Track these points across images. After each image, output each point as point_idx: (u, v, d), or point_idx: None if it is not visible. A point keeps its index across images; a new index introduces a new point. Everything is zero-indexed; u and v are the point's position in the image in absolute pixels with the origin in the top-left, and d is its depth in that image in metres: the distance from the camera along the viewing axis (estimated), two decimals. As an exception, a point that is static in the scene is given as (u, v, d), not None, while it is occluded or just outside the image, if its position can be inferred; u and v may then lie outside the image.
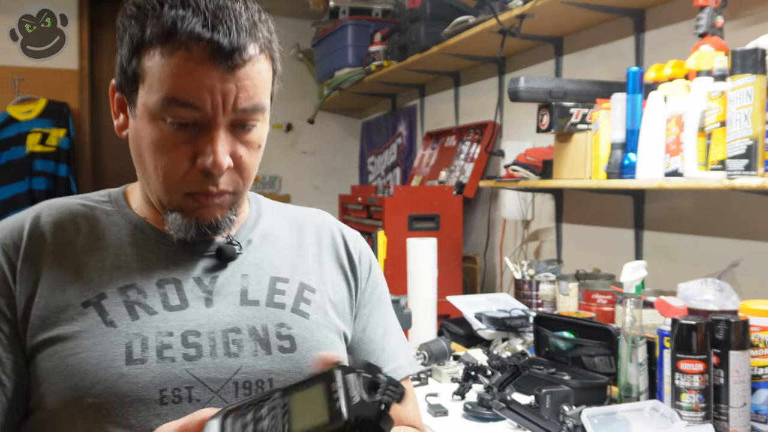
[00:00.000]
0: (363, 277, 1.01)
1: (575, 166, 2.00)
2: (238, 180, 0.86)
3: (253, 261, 0.92)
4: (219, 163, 0.81)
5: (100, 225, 0.89)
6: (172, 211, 0.86)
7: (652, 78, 1.76)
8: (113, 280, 0.85)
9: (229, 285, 0.89)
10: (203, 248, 0.90)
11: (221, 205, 0.86)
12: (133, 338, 0.81)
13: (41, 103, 3.77)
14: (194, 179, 0.83)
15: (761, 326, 1.29)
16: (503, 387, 1.50)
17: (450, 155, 3.20)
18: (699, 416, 1.27)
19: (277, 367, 0.85)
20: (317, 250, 0.99)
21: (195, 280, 0.88)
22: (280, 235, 0.97)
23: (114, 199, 0.94)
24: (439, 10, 2.85)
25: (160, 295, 0.85)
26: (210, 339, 0.84)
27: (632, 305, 1.42)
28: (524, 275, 2.25)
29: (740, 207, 1.78)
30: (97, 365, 0.79)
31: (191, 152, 0.82)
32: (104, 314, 0.82)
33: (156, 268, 0.87)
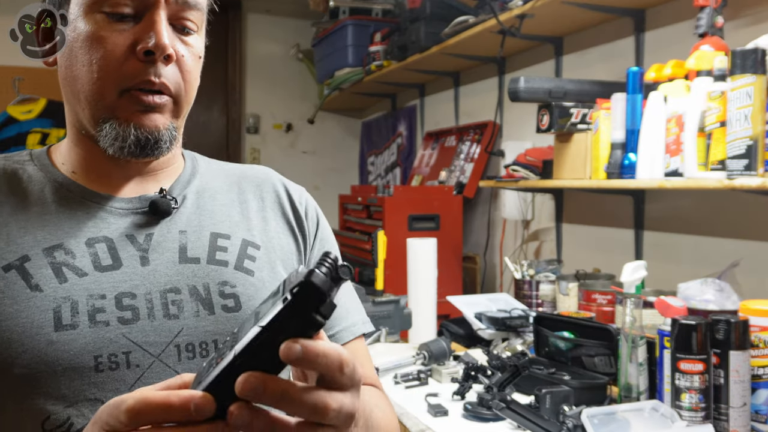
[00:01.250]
0: (311, 233, 0.96)
1: (575, 166, 2.00)
2: (180, 82, 0.82)
3: (191, 216, 0.87)
4: (162, 43, 0.77)
5: (21, 183, 0.83)
6: (106, 120, 0.80)
7: (652, 78, 1.76)
8: (37, 240, 0.78)
9: (166, 242, 0.83)
10: (134, 204, 0.84)
11: (161, 107, 0.80)
12: (61, 302, 0.74)
13: (41, 103, 3.77)
14: (132, 70, 0.78)
15: (761, 326, 1.29)
16: (503, 387, 1.50)
17: (450, 155, 3.20)
18: (699, 416, 1.27)
19: (221, 328, 0.80)
20: (260, 205, 0.93)
21: (128, 238, 0.82)
22: (218, 191, 0.92)
23: (36, 157, 0.88)
24: (439, 10, 2.85)
25: (90, 255, 0.79)
26: (147, 300, 0.78)
27: (632, 305, 1.42)
28: (524, 275, 2.25)
29: (740, 207, 1.78)
30: (23, 333, 0.72)
31: (130, 41, 0.78)
32: (28, 277, 0.75)
33: (84, 227, 0.81)
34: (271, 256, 0.89)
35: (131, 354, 0.75)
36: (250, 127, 4.37)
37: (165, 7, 0.79)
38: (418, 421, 1.44)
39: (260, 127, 4.41)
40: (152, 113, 0.80)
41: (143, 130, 0.79)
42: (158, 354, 0.76)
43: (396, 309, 2.07)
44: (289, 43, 4.45)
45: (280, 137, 4.47)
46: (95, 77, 0.79)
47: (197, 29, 0.84)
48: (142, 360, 0.76)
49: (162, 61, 0.79)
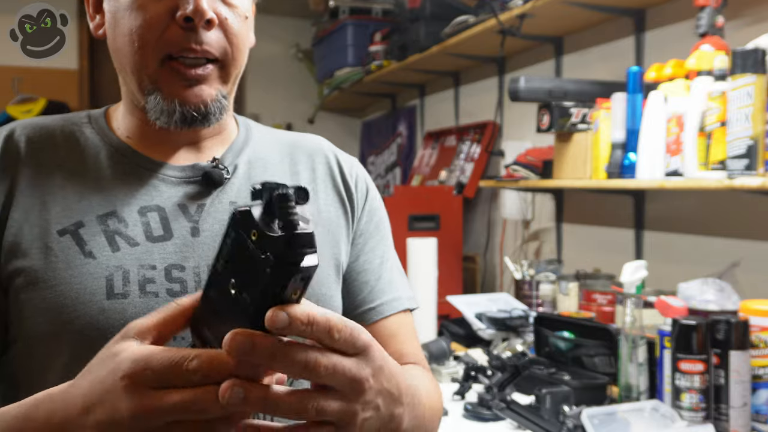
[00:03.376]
0: (359, 205, 0.94)
1: (575, 166, 2.00)
2: (226, 45, 0.78)
3: (242, 187, 0.85)
4: (201, 8, 0.74)
5: (78, 146, 0.83)
6: (151, 92, 0.78)
7: (652, 78, 1.76)
8: (92, 206, 0.78)
9: (216, 213, 0.82)
10: (187, 173, 0.83)
11: (206, 78, 0.78)
12: (113, 271, 0.75)
13: (41, 103, 3.77)
14: (173, 37, 0.75)
15: (761, 326, 1.29)
16: (503, 387, 1.50)
17: (450, 155, 3.20)
18: (699, 416, 1.27)
19: None
20: (311, 176, 0.92)
21: (180, 208, 0.81)
22: (270, 160, 0.90)
23: (94, 119, 0.86)
24: (439, 9, 2.85)
25: (142, 224, 0.78)
26: (195, 274, 0.78)
27: (632, 305, 1.42)
28: (524, 275, 2.25)
29: (740, 207, 1.78)
30: (76, 299, 0.73)
31: (170, 6, 0.75)
32: (82, 243, 0.76)
33: (137, 194, 0.80)
34: (320, 230, 0.87)
35: None
36: (250, 127, 4.38)
37: None
38: (418, 421, 1.44)
39: (260, 127, 4.41)
40: (197, 86, 0.78)
41: (189, 107, 0.78)
42: None
43: (396, 309, 2.06)
44: (289, 43, 4.45)
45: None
46: (136, 47, 0.77)
47: None
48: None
49: (203, 27, 0.76)
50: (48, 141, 0.83)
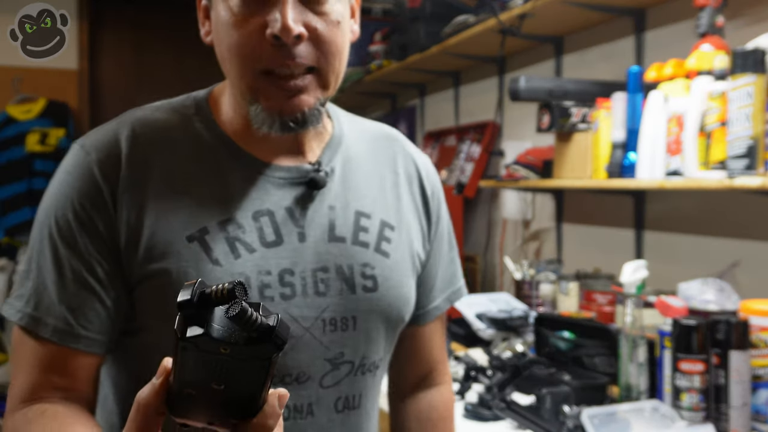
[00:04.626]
0: (434, 218, 1.00)
1: (575, 166, 2.00)
2: (319, 55, 0.80)
3: (339, 191, 0.90)
4: (287, 26, 0.76)
5: (194, 145, 0.86)
6: (253, 102, 0.82)
7: (652, 78, 1.76)
8: (213, 212, 0.83)
9: (318, 217, 0.87)
10: (292, 175, 0.87)
11: (304, 88, 0.80)
12: (237, 277, 0.80)
13: (41, 103, 3.77)
14: (266, 53, 0.78)
15: (761, 326, 1.29)
16: (503, 387, 1.50)
17: (450, 155, 3.20)
18: (699, 416, 1.27)
19: (360, 306, 0.87)
20: (394, 180, 0.96)
21: (287, 212, 0.86)
22: (361, 160, 0.94)
23: (201, 109, 0.89)
24: (439, 9, 2.85)
25: (257, 230, 0.84)
26: (302, 278, 0.84)
27: (632, 305, 1.42)
28: (524, 275, 2.25)
29: (740, 207, 1.78)
30: None
31: (261, 23, 0.78)
32: (209, 251, 0.81)
33: (250, 198, 0.85)
34: (403, 237, 0.94)
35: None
36: (250, 127, 4.37)
37: None
38: (418, 421, 1.44)
39: (260, 127, 4.41)
40: (296, 97, 0.80)
41: (288, 115, 0.81)
42: (308, 327, 0.84)
43: (396, 309, 2.06)
44: (289, 43, 4.45)
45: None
46: (236, 62, 0.81)
47: None
48: (297, 331, 0.82)
49: (292, 42, 0.78)
50: (168, 142, 0.85)
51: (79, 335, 0.79)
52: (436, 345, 1.05)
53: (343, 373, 0.87)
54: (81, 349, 0.80)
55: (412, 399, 1.07)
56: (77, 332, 0.79)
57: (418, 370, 1.05)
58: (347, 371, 0.87)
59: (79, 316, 0.79)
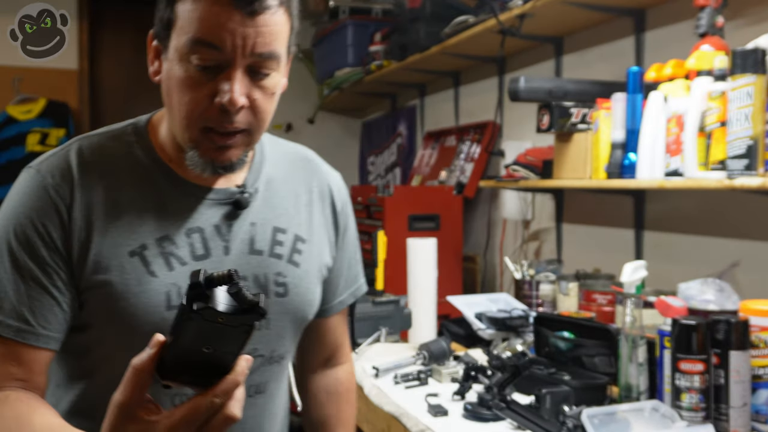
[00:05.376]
0: (341, 231, 1.16)
1: (575, 166, 2.00)
2: (252, 120, 0.95)
3: (259, 210, 1.04)
4: (234, 100, 0.90)
5: (134, 170, 0.99)
6: (191, 149, 0.95)
7: (652, 78, 1.76)
8: (152, 231, 0.96)
9: (241, 233, 1.02)
10: (220, 196, 1.01)
11: (235, 145, 0.95)
12: (170, 287, 0.95)
13: (41, 103, 3.77)
14: (212, 115, 0.92)
15: (761, 326, 1.29)
16: (503, 387, 1.50)
17: (450, 155, 3.20)
18: (699, 416, 1.27)
19: (273, 309, 1.02)
20: (309, 198, 1.12)
21: (215, 229, 1.00)
22: (280, 180, 1.09)
23: (140, 136, 1.02)
24: (439, 9, 2.85)
25: (188, 245, 0.98)
26: None
27: (632, 305, 1.42)
28: (524, 275, 2.25)
29: (740, 207, 1.78)
30: (144, 309, 0.93)
31: (212, 91, 0.91)
32: (147, 264, 0.95)
33: (184, 218, 0.98)
34: (313, 249, 1.09)
35: None
36: (250, 127, 4.37)
37: (242, 61, 0.90)
38: (418, 421, 1.44)
39: (260, 127, 4.41)
40: (227, 150, 0.95)
41: (218, 164, 0.96)
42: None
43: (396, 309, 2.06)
44: (289, 43, 4.44)
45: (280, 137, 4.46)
46: (183, 115, 0.93)
47: (276, 69, 0.95)
48: None
49: (235, 112, 0.92)
50: (111, 166, 0.99)
51: (38, 334, 0.92)
52: (339, 332, 1.24)
53: (256, 364, 0.99)
54: (39, 346, 0.92)
55: (320, 375, 1.24)
56: (37, 331, 0.92)
57: (325, 352, 1.23)
58: (259, 363, 1.02)
59: (38, 317, 0.92)
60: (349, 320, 1.95)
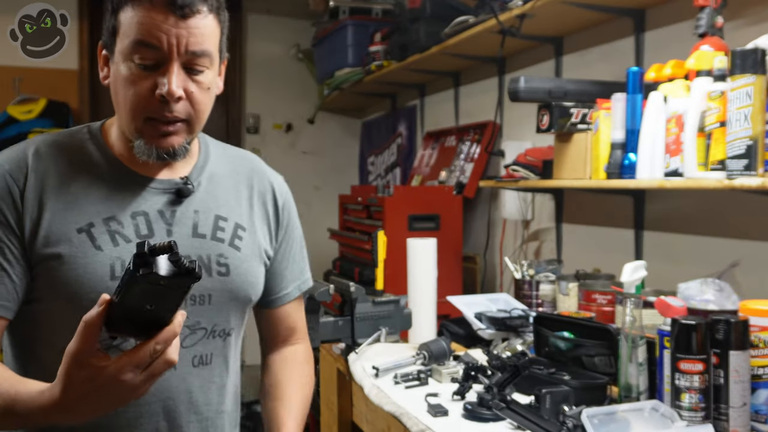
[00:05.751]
0: (283, 225, 1.29)
1: (575, 166, 2.00)
2: (191, 111, 1.08)
3: (203, 199, 1.17)
4: (172, 91, 1.03)
5: (86, 162, 1.12)
6: (137, 138, 1.08)
7: (652, 78, 1.76)
8: (99, 211, 1.09)
9: (184, 218, 1.14)
10: (165, 186, 1.14)
11: (176, 132, 1.08)
12: (115, 260, 1.06)
13: (41, 103, 3.77)
14: (153, 106, 1.05)
15: (761, 326, 1.29)
16: (503, 387, 1.50)
17: (450, 155, 3.20)
18: (699, 416, 1.27)
19: (215, 286, 1.14)
20: (249, 193, 1.25)
21: (159, 213, 1.12)
22: (222, 176, 1.22)
23: (94, 136, 1.16)
24: (439, 10, 2.85)
25: (134, 225, 1.10)
26: None
27: (632, 305, 1.42)
28: (524, 275, 2.25)
29: (740, 207, 1.78)
30: (90, 279, 1.05)
31: (152, 85, 1.04)
32: (93, 240, 1.07)
33: (130, 202, 1.11)
34: (253, 237, 1.22)
35: None
36: (250, 127, 4.37)
37: (177, 59, 1.04)
38: (418, 421, 1.44)
39: (260, 127, 4.41)
40: (169, 137, 1.08)
41: (162, 150, 1.09)
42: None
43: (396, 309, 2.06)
44: (289, 43, 4.45)
45: (280, 137, 4.47)
46: (128, 108, 1.07)
47: (209, 66, 1.08)
48: None
49: (174, 101, 1.05)
50: (64, 157, 1.12)
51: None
52: (292, 319, 1.35)
53: (198, 336, 1.13)
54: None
55: (276, 352, 1.36)
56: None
57: (282, 335, 1.35)
58: (202, 335, 1.14)
59: None
60: (349, 320, 1.95)
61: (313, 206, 4.16)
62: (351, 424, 1.95)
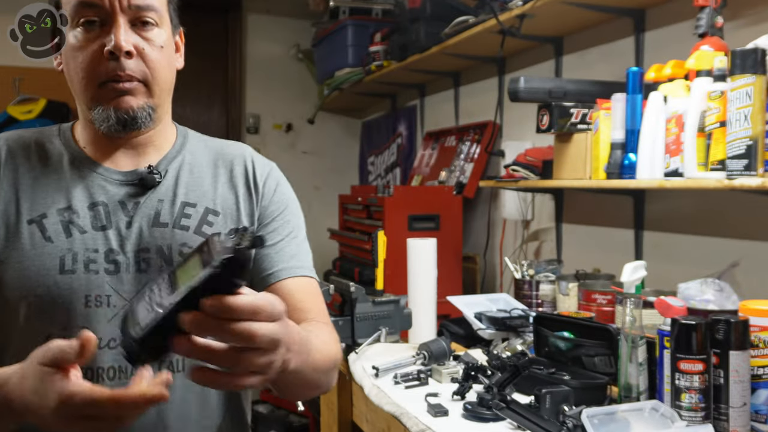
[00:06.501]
0: (267, 197, 1.18)
1: (575, 166, 2.00)
2: (145, 69, 1.03)
3: (169, 187, 1.11)
4: (119, 44, 1.00)
5: (47, 154, 1.09)
6: (95, 106, 1.03)
7: (652, 78, 1.76)
8: (54, 201, 1.04)
9: (146, 209, 1.08)
10: (128, 177, 1.09)
11: (132, 91, 1.03)
12: (66, 252, 1.01)
13: (41, 103, 3.77)
14: (104, 68, 1.01)
15: (761, 326, 1.29)
16: (503, 387, 1.50)
17: (450, 155, 3.20)
18: (699, 416, 1.27)
19: None
20: (229, 176, 1.17)
21: (120, 204, 1.07)
22: (197, 165, 1.16)
23: (62, 132, 1.13)
24: (439, 10, 2.85)
25: (90, 216, 1.04)
26: (126, 257, 1.04)
27: (632, 305, 1.42)
28: (524, 275, 2.25)
29: (740, 207, 1.78)
30: (38, 272, 1.00)
31: (100, 46, 1.01)
32: (44, 230, 1.02)
33: (88, 193, 1.06)
34: (228, 222, 1.13)
35: (111, 297, 1.02)
36: (250, 127, 4.37)
37: (122, 14, 1.01)
38: (418, 421, 1.44)
39: (260, 127, 4.41)
40: (125, 96, 1.02)
41: (121, 111, 1.03)
42: (130, 299, 1.02)
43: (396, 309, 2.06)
44: (289, 43, 4.45)
45: (280, 137, 4.47)
46: (81, 76, 1.03)
47: (158, 23, 1.05)
48: (118, 302, 1.02)
49: (124, 57, 1.01)
50: (23, 150, 1.09)
51: None
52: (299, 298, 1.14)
53: None
54: None
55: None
56: None
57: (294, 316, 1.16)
58: None
59: None
60: (349, 320, 1.95)
61: (313, 206, 4.16)
62: (351, 424, 1.95)
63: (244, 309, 0.68)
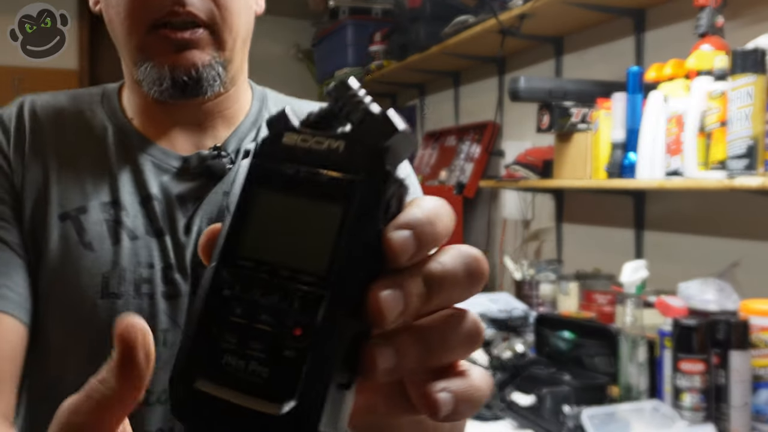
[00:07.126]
0: None
1: (575, 166, 2.00)
2: (213, 9, 0.73)
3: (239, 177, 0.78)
4: None
5: (86, 127, 0.80)
6: (143, 61, 0.74)
7: (652, 78, 1.76)
8: (96, 192, 0.76)
9: (209, 206, 0.77)
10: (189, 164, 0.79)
11: (195, 42, 0.73)
12: (110, 267, 0.73)
13: (41, 103, 3.78)
14: (157, 3, 0.71)
15: (762, 326, 1.29)
16: (503, 387, 1.50)
17: (450, 155, 3.20)
18: (700, 416, 1.27)
19: None
20: None
21: (178, 201, 0.77)
22: None
23: (107, 97, 0.84)
24: (439, 9, 2.85)
25: (143, 216, 0.76)
26: (184, 276, 0.75)
27: (632, 305, 1.42)
28: (524, 275, 2.25)
29: (740, 207, 1.78)
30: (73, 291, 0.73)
31: None
32: (82, 232, 0.74)
33: (140, 183, 0.77)
34: None
35: (168, 332, 0.73)
36: (250, 127, 4.37)
37: None
38: (418, 421, 1.44)
39: (260, 127, 4.41)
40: (186, 51, 0.73)
41: (179, 71, 0.73)
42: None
43: (396, 309, 2.06)
44: (289, 43, 4.44)
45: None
46: (123, 17, 0.74)
47: None
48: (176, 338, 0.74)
49: None
50: (55, 118, 0.80)
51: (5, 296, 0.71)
52: None
53: None
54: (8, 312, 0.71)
55: None
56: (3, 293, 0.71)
57: None
58: None
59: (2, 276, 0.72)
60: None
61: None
62: (351, 424, 1.95)
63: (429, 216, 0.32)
